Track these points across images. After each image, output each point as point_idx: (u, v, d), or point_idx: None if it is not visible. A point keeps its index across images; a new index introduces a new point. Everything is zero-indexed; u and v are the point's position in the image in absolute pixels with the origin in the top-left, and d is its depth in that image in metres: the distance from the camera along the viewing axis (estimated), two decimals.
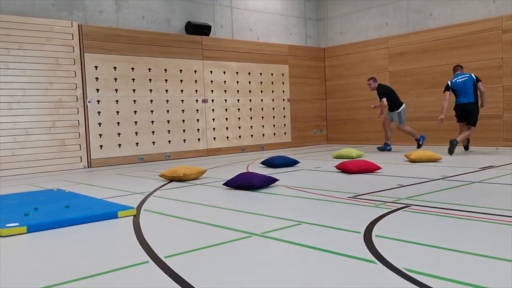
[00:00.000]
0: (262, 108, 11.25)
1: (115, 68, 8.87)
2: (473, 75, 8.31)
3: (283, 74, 11.65)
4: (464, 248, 2.68)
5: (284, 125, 11.73)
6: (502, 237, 2.88)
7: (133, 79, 9.11)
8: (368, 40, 11.60)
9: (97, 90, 8.64)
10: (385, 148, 9.53)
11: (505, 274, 2.25)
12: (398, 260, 2.48)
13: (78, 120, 8.43)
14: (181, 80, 9.80)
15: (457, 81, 8.29)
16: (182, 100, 9.82)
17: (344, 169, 6.26)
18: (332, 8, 12.45)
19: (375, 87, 9.62)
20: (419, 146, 9.36)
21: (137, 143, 9.14)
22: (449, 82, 8.38)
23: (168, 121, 9.60)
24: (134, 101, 9.12)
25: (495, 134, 9.52)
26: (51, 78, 8.12)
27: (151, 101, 9.37)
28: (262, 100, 11.24)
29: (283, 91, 11.70)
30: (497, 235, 2.95)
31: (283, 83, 11.65)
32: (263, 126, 11.28)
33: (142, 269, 2.54)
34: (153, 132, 9.36)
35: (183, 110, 9.83)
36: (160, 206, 4.39)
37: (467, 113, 8.23)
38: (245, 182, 5.09)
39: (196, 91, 10.04)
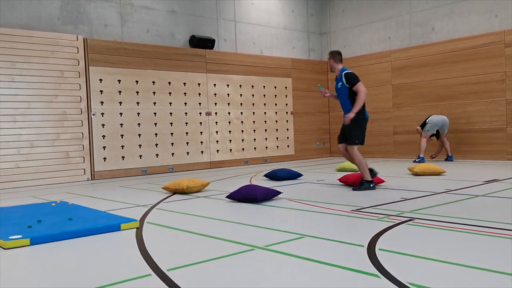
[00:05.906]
0: (265, 121, 11.27)
1: (119, 81, 8.93)
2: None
3: (286, 87, 11.69)
4: (468, 262, 2.66)
5: (287, 138, 11.74)
6: (507, 251, 2.87)
7: (137, 92, 9.16)
8: (371, 53, 11.65)
9: (102, 102, 8.69)
10: None
11: None
12: (402, 274, 2.47)
13: (82, 133, 8.47)
14: (185, 93, 9.85)
15: None
16: (186, 113, 9.85)
17: (347, 182, 6.24)
18: (335, 22, 12.54)
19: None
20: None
21: (140, 156, 9.16)
22: None
23: (172, 133, 9.63)
24: (138, 113, 9.16)
25: (499, 148, 9.49)
26: (56, 91, 8.18)
27: (155, 113, 9.41)
28: (265, 113, 11.28)
29: (286, 104, 11.74)
30: (501, 249, 2.93)
31: (286, 96, 11.69)
32: (266, 138, 11.29)
33: (145, 282, 2.54)
34: (156, 144, 9.38)
35: (186, 123, 9.86)
36: (163, 219, 4.38)
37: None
38: (248, 195, 5.09)
39: (200, 104, 10.08)
